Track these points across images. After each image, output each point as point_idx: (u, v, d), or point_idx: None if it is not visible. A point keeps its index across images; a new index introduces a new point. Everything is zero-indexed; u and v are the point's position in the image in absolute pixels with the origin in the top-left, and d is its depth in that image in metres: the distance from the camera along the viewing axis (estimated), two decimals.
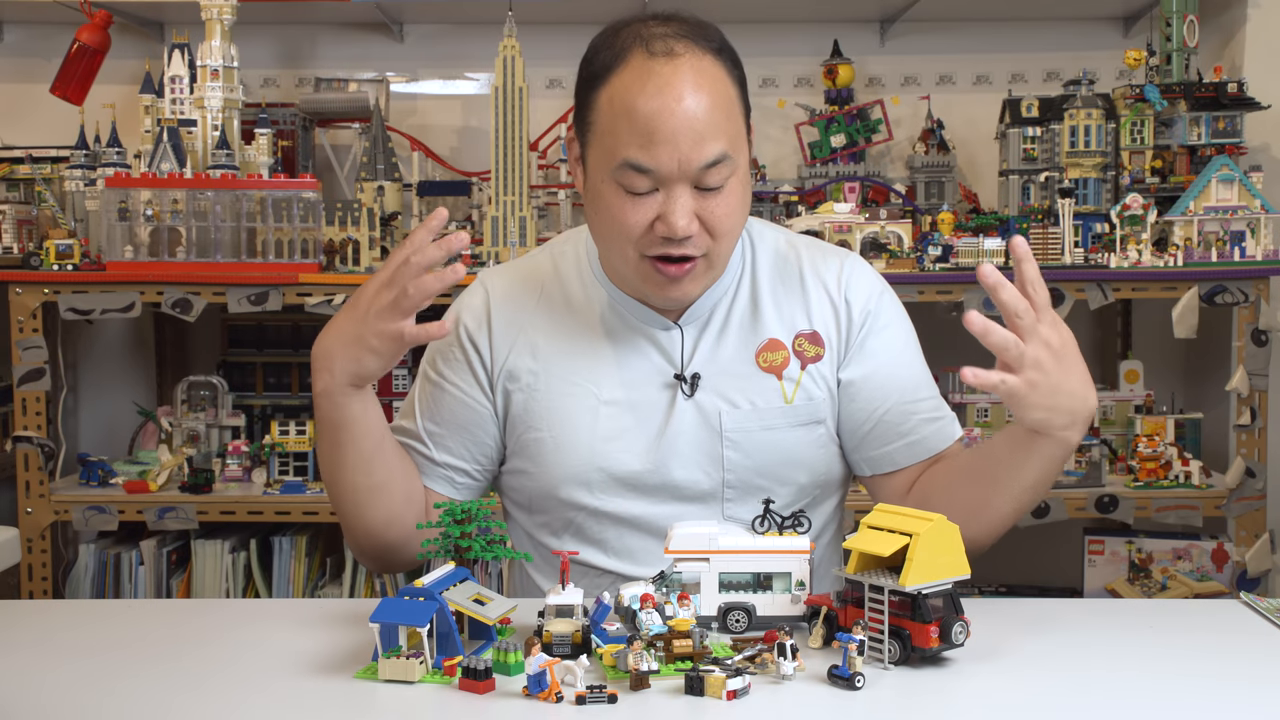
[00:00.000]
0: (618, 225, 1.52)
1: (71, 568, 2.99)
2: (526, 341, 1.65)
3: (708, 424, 1.60)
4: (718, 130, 1.49)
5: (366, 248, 2.91)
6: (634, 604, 1.27)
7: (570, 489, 1.61)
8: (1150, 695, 1.20)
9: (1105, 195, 3.01)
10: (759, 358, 1.62)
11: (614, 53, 1.52)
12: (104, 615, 1.58)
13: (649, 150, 1.47)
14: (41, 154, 3.12)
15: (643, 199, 1.50)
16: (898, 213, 2.98)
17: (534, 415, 1.62)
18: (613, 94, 1.50)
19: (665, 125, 1.46)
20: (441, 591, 1.25)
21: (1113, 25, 3.38)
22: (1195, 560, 2.97)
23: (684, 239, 1.50)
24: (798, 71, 3.38)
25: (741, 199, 1.55)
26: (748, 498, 1.60)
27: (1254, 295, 2.81)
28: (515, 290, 1.68)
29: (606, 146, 1.51)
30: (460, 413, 1.66)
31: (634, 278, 1.57)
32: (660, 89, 1.47)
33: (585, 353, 1.63)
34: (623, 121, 1.49)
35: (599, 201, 1.54)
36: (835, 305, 1.66)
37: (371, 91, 3.22)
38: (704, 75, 1.49)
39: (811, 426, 1.63)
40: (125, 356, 3.43)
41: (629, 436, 1.60)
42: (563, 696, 1.17)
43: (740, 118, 1.55)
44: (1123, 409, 3.07)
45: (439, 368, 1.68)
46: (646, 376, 1.62)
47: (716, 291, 1.64)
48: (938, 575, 1.24)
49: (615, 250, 1.56)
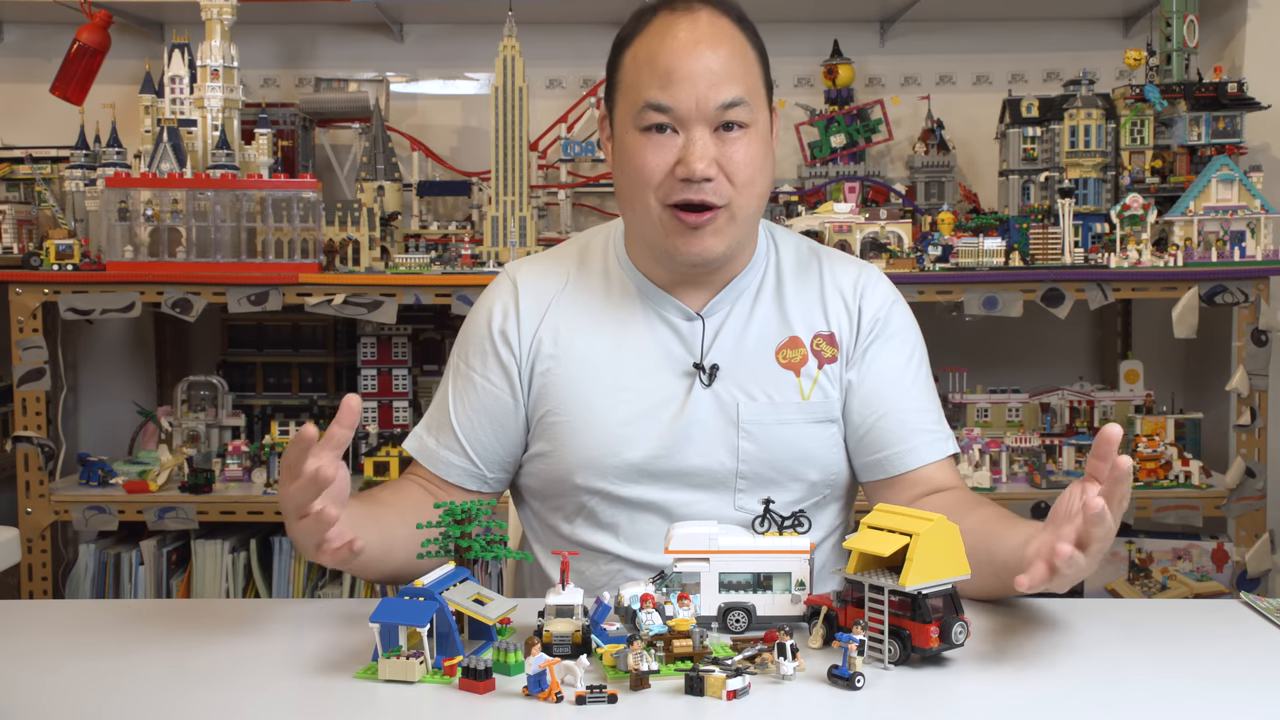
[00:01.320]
0: (639, 173, 1.56)
1: (71, 568, 2.99)
2: (550, 325, 1.67)
3: (724, 414, 1.62)
4: (734, 77, 1.55)
5: (366, 248, 2.91)
6: (634, 604, 1.27)
7: (586, 473, 1.63)
8: (1150, 695, 1.20)
9: (1105, 195, 3.01)
10: (779, 354, 1.65)
11: (639, 18, 1.61)
12: (104, 615, 1.58)
13: (668, 89, 1.53)
14: (41, 154, 3.13)
15: (663, 141, 1.55)
16: (898, 213, 2.98)
17: (553, 399, 1.65)
18: (637, 51, 1.59)
19: (683, 66, 1.53)
20: (441, 591, 1.25)
21: (1113, 25, 3.38)
22: (1195, 560, 2.97)
23: (703, 181, 1.53)
24: (798, 71, 3.38)
25: (763, 154, 1.59)
26: (759, 489, 1.62)
27: (1254, 295, 2.81)
28: (540, 278, 1.71)
29: (630, 99, 1.57)
30: (493, 407, 1.67)
31: (657, 233, 1.59)
32: (679, 35, 1.55)
33: (606, 339, 1.65)
34: (645, 70, 1.56)
35: (624, 155, 1.59)
36: (849, 310, 1.69)
37: (371, 91, 3.22)
38: (723, 31, 1.57)
39: (825, 425, 1.65)
40: (125, 356, 3.43)
41: (645, 422, 1.62)
42: (563, 696, 1.17)
43: (760, 81, 1.61)
44: (1123, 409, 3.07)
45: (471, 362, 1.69)
46: (666, 364, 1.64)
47: (740, 285, 1.66)
48: (938, 575, 1.24)
49: (639, 204, 1.58)
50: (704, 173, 1.52)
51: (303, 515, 1.29)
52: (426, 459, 1.70)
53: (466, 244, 2.95)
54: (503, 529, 1.39)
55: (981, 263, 2.84)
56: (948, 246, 2.87)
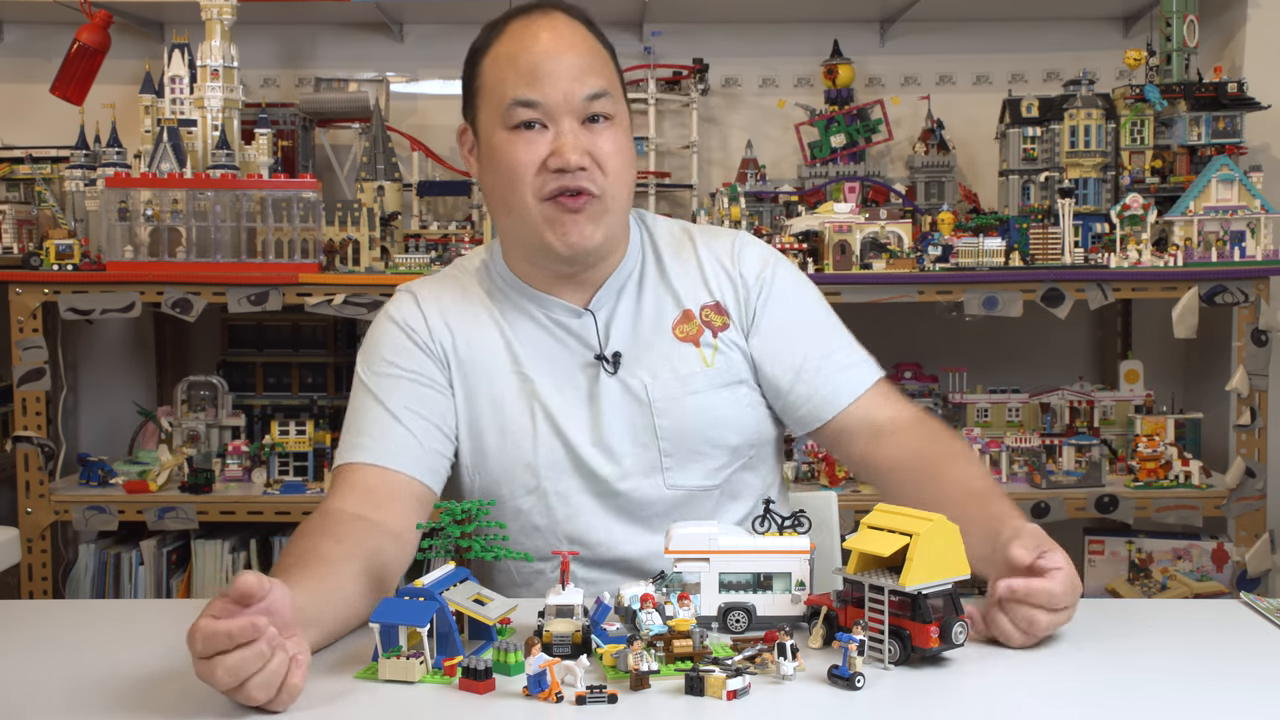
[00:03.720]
0: (513, 170, 1.57)
1: (71, 568, 2.99)
2: (463, 334, 1.67)
3: (635, 398, 1.64)
4: (596, 71, 1.58)
5: (366, 248, 2.91)
6: (634, 604, 1.27)
7: (520, 476, 1.63)
8: (1150, 695, 1.20)
9: (1105, 195, 3.01)
10: (675, 329, 1.67)
11: (491, 29, 1.63)
12: (104, 615, 1.58)
13: (535, 85, 1.55)
14: (41, 154, 3.13)
15: (532, 138, 1.56)
16: (898, 213, 2.98)
17: (478, 405, 1.65)
18: (496, 54, 1.60)
19: (547, 62, 1.56)
20: (441, 591, 1.25)
21: (1113, 25, 3.38)
22: (1195, 560, 2.97)
23: (577, 170, 1.55)
24: (798, 71, 3.38)
25: (628, 146, 1.62)
26: (687, 464, 1.64)
27: (1254, 295, 2.81)
28: (438, 291, 1.71)
29: (495, 100, 1.59)
30: (429, 396, 1.63)
31: (536, 229, 1.59)
32: (539, 35, 1.58)
33: (513, 343, 1.66)
34: (508, 70, 1.58)
35: (494, 158, 1.60)
36: (731, 278, 1.70)
37: (371, 91, 3.23)
38: (578, 32, 1.61)
39: (734, 387, 1.67)
40: (125, 356, 3.43)
41: (564, 419, 1.63)
42: (563, 696, 1.16)
43: (617, 79, 1.64)
44: (1123, 409, 3.07)
45: (391, 359, 1.64)
46: (569, 362, 1.65)
47: (621, 274, 1.68)
48: (938, 575, 1.24)
49: (516, 203, 1.59)
50: (578, 162, 1.54)
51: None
52: (369, 455, 1.57)
53: (466, 244, 2.95)
54: (503, 529, 1.39)
55: (981, 263, 2.84)
56: (948, 246, 2.87)
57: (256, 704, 1.13)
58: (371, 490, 1.55)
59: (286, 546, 1.48)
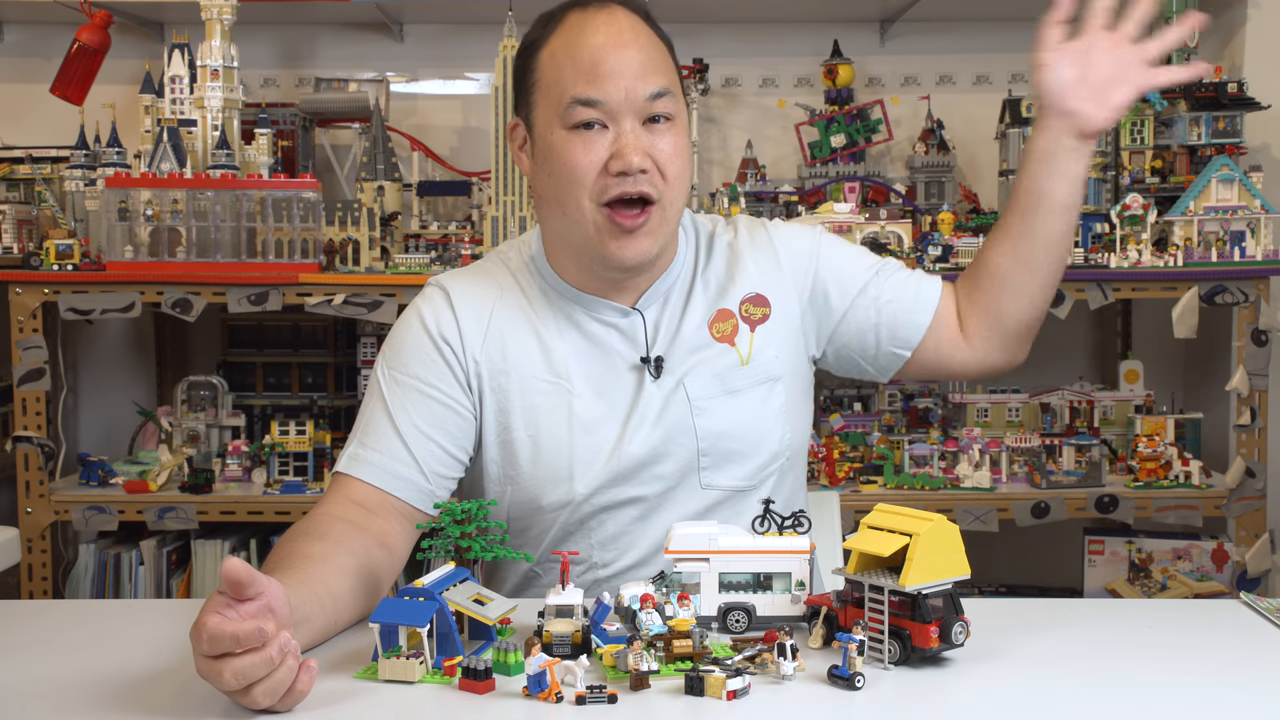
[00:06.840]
0: (571, 172, 1.53)
1: (71, 568, 2.99)
2: (496, 338, 1.63)
3: (676, 398, 1.62)
4: (658, 69, 1.54)
5: (366, 248, 2.91)
6: (634, 604, 1.27)
7: (554, 486, 1.61)
8: (1150, 695, 1.20)
9: (1105, 195, 3.01)
10: (712, 329, 1.66)
11: (547, 21, 1.59)
12: (104, 615, 1.58)
13: (596, 83, 1.51)
14: (41, 154, 3.13)
15: (593, 138, 1.52)
16: (898, 213, 2.98)
17: (510, 415, 1.61)
18: (554, 48, 1.56)
19: (610, 57, 1.51)
20: (441, 591, 1.25)
21: None
22: (1195, 560, 2.97)
23: (639, 173, 1.51)
24: (798, 71, 3.38)
25: (687, 148, 1.60)
26: (724, 464, 1.63)
27: (1254, 295, 2.81)
28: (474, 290, 1.66)
29: (553, 96, 1.54)
30: (444, 417, 1.60)
31: (589, 237, 1.56)
32: (599, 29, 1.53)
33: (552, 349, 1.63)
34: (567, 65, 1.53)
35: (550, 156, 1.55)
36: (779, 262, 1.70)
37: (371, 91, 3.22)
38: (639, 27, 1.56)
39: (770, 384, 1.66)
40: (125, 356, 3.43)
41: (604, 425, 1.61)
42: (563, 696, 1.16)
43: (677, 76, 1.60)
44: (1123, 409, 3.07)
45: (415, 370, 1.61)
46: (613, 364, 1.63)
47: (672, 273, 1.66)
48: (938, 575, 1.24)
49: (571, 206, 1.55)
50: (640, 164, 1.51)
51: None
52: (369, 474, 1.56)
53: (466, 244, 2.95)
54: (503, 529, 1.39)
55: None
56: (948, 246, 2.87)
57: (259, 709, 1.13)
58: (364, 506, 1.55)
59: (276, 546, 1.47)
